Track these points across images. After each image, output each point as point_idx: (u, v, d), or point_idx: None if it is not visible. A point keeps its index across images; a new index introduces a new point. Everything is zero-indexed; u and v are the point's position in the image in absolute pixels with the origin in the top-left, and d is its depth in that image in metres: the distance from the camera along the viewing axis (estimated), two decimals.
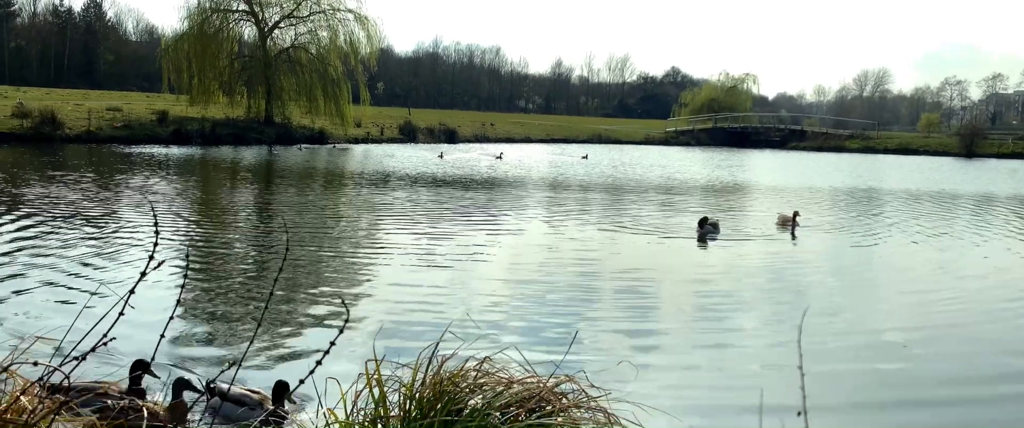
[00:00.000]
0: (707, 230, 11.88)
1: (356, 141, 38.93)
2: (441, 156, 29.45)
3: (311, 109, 38.42)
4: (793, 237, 12.30)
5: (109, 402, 3.47)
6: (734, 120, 64.28)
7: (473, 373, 3.26)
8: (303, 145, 33.60)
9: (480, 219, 13.15)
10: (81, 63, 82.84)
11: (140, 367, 4.28)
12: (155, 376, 4.35)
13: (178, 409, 3.94)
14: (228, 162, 24.94)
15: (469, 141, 46.10)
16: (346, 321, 3.76)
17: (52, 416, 2.81)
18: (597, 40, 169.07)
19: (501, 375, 3.27)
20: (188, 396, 4.21)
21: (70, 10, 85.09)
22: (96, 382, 4.09)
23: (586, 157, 34.25)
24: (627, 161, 34.31)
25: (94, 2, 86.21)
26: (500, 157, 30.37)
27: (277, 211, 13.66)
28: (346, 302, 6.93)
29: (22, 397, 2.98)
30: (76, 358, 2.08)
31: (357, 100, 39.75)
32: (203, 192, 16.64)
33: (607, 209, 15.99)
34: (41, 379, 2.70)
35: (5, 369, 3.07)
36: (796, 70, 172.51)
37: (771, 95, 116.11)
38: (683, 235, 12.08)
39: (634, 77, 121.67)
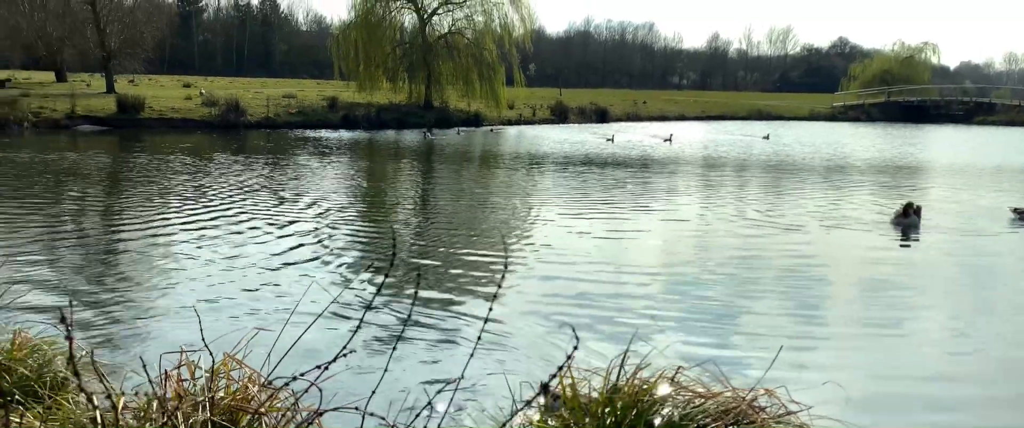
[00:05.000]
0: (912, 220, 10.89)
1: (509, 123, 39.48)
2: (611, 139, 28.76)
3: (467, 92, 39.37)
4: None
5: None
6: (910, 93, 59.27)
7: (666, 382, 3.21)
8: (461, 128, 34.49)
9: (663, 209, 12.81)
10: (259, 53, 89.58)
11: None
12: None
13: None
14: (401, 145, 26.04)
15: (620, 120, 45.47)
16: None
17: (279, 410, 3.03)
18: (757, 12, 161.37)
19: (696, 387, 3.19)
20: None
21: (249, 3, 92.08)
22: None
23: (767, 137, 32.11)
24: (817, 142, 31.47)
25: None
26: (669, 140, 28.86)
27: (470, 200, 14.08)
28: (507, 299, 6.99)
29: (250, 386, 3.25)
30: (318, 367, 2.21)
31: (511, 82, 40.30)
32: (393, 176, 17.48)
33: (815, 196, 14.59)
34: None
35: (234, 358, 3.36)
36: (982, 36, 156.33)
37: (953, 65, 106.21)
38: (872, 227, 11.28)
39: (797, 49, 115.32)
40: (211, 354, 2.86)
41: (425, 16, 39.94)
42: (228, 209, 11.49)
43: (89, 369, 4.01)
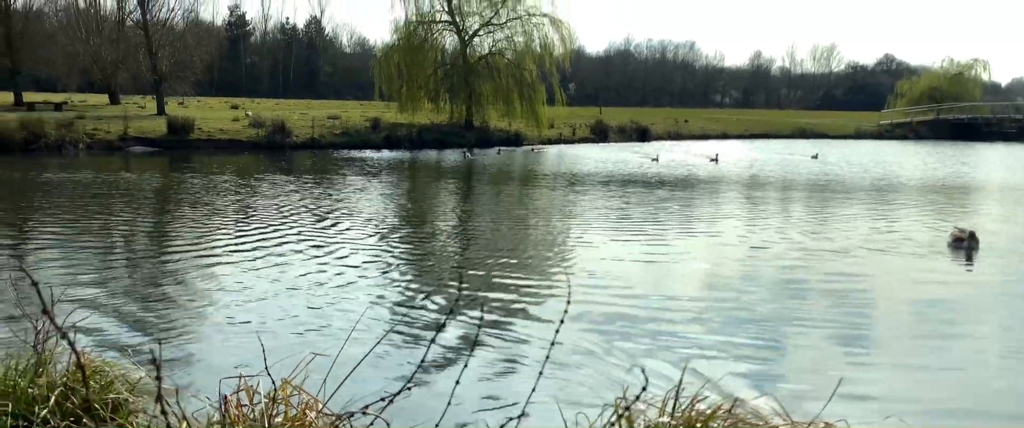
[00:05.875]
0: (969, 244, 10.54)
1: (549, 142, 39.52)
2: (655, 159, 28.39)
3: (507, 112, 39.58)
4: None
5: None
6: (960, 111, 57.80)
7: (723, 415, 3.15)
8: (501, 148, 34.63)
9: (711, 230, 12.69)
10: (304, 75, 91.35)
11: None
12: None
13: None
14: (443, 165, 26.26)
15: (661, 139, 45.18)
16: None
17: None
18: (800, 29, 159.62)
19: (755, 421, 3.12)
20: None
21: (295, 27, 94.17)
22: None
23: (816, 157, 31.43)
24: (865, 161, 30.74)
25: (315, 19, 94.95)
26: (715, 159, 28.38)
27: (517, 222, 14.12)
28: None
29: (308, 412, 3.27)
30: (383, 399, 2.22)
31: (551, 102, 40.42)
32: (439, 196, 17.63)
33: (867, 218, 14.20)
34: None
35: (291, 384, 3.40)
36: None
37: (1004, 81, 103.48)
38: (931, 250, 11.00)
39: (841, 66, 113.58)
40: (272, 379, 2.89)
41: (466, 38, 40.37)
42: (277, 230, 11.68)
43: (148, 392, 4.10)
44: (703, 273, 9.20)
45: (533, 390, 2.32)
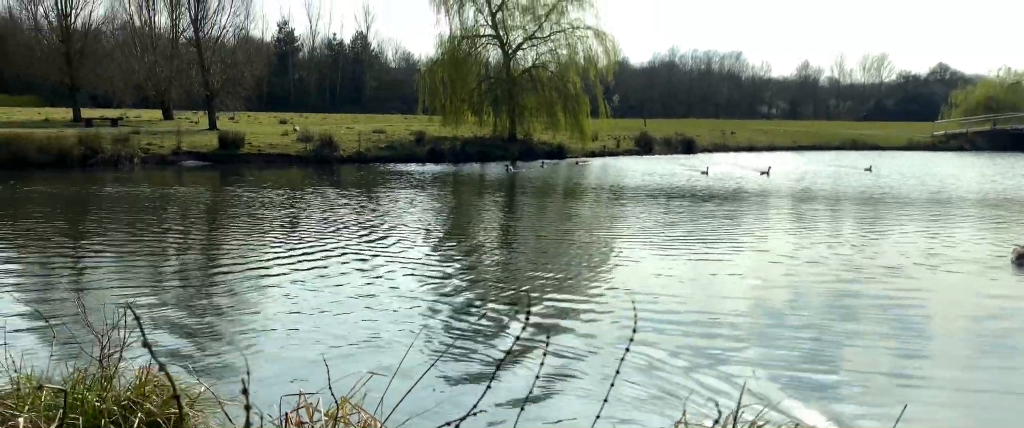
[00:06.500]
0: None
1: (593, 155, 39.38)
2: (705, 172, 27.93)
3: (551, 125, 39.63)
4: None
5: None
6: (1018, 121, 55.95)
7: None
8: (545, 161, 34.61)
9: (769, 247, 12.49)
10: (350, 90, 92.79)
11: None
12: None
13: None
14: (487, 179, 26.37)
15: (708, 151, 44.71)
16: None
17: None
18: (850, 39, 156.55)
19: None
20: None
21: (342, 43, 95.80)
22: None
23: (870, 169, 30.64)
24: (920, 173, 29.90)
25: (361, 34, 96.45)
26: (767, 173, 27.75)
27: (570, 237, 14.10)
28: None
29: None
30: (448, 424, 2.19)
31: (595, 114, 40.36)
32: (487, 211, 17.71)
33: (925, 233, 13.81)
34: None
35: (350, 402, 3.41)
36: None
37: None
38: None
39: (892, 76, 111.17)
40: (333, 396, 2.91)
41: (510, 51, 40.57)
42: (328, 244, 11.83)
43: (208, 406, 4.16)
44: (758, 290, 9.04)
45: (598, 417, 2.29)
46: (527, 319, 6.88)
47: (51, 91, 54.65)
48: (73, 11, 45.55)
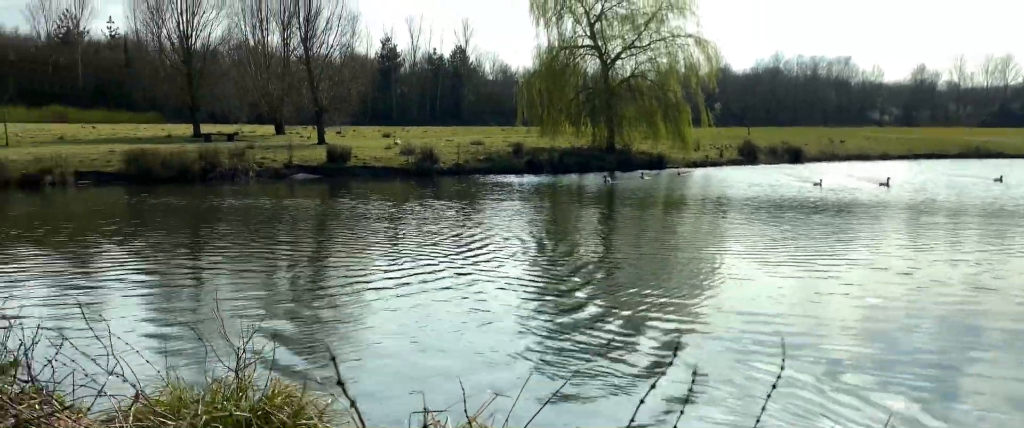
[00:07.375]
0: None
1: (694, 165, 38.57)
2: (818, 183, 26.76)
3: (651, 134, 39.10)
4: None
5: None
6: None
7: None
8: (645, 172, 34.13)
9: (893, 265, 11.92)
10: (449, 103, 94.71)
11: None
12: None
13: None
14: (586, 192, 26.25)
15: (816, 160, 42.98)
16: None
17: None
18: (969, 40, 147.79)
19: None
20: None
21: (441, 57, 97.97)
22: None
23: (1000, 180, 28.46)
24: None
25: (459, 48, 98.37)
26: (887, 184, 26.24)
27: (685, 256, 13.88)
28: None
29: None
30: None
31: (697, 122, 39.54)
32: (588, 222, 17.67)
33: None
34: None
35: (477, 421, 3.41)
36: None
37: None
38: None
39: (1019, 79, 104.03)
40: (468, 417, 2.91)
41: (608, 61, 40.35)
42: (436, 257, 12.03)
43: (336, 418, 4.26)
44: (875, 309, 8.57)
45: None
46: (675, 355, 6.71)
47: (173, 109, 58.24)
48: (193, 32, 48.46)
